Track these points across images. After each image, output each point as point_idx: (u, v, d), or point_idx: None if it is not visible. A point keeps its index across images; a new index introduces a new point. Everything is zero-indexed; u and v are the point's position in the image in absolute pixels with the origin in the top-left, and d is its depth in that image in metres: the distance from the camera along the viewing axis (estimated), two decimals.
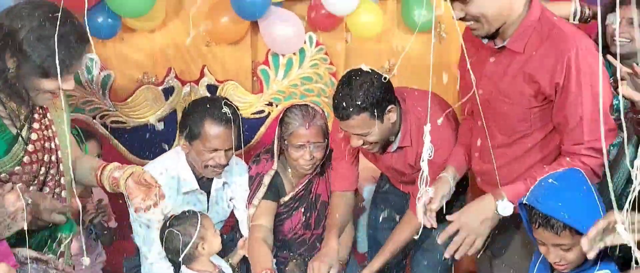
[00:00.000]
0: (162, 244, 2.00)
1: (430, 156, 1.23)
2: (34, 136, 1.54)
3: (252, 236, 2.18)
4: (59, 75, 1.36)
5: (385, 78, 1.85)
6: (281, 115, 2.16)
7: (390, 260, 2.11)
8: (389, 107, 1.88)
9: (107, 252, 2.39)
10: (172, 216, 2.01)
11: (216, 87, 2.59)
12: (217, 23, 2.47)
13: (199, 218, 1.99)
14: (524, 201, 1.50)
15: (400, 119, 1.96)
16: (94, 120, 2.44)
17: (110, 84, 2.43)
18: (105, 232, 2.31)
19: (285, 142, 2.13)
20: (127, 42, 2.45)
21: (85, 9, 1.41)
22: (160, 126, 2.52)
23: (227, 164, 2.11)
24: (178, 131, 2.12)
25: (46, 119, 1.60)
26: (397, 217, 2.23)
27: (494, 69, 1.69)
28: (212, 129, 2.01)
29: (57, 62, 1.35)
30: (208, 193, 2.21)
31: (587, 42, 1.57)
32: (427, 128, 1.15)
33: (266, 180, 2.20)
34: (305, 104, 2.16)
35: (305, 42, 2.65)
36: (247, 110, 2.67)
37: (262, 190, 2.19)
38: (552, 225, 1.44)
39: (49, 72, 1.42)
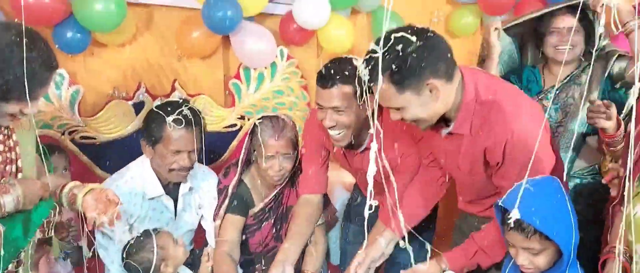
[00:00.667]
0: None
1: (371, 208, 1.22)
2: None
3: (217, 251, 2.20)
4: (27, 98, 1.36)
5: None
6: (252, 126, 2.18)
7: None
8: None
9: (77, 271, 2.34)
10: (128, 243, 2.00)
11: (187, 102, 2.58)
12: (188, 37, 2.48)
13: (154, 240, 1.98)
14: (500, 203, 1.53)
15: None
16: (63, 136, 2.40)
17: (79, 99, 2.40)
18: (73, 252, 2.26)
19: (255, 153, 2.15)
20: (97, 57, 2.43)
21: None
22: None
23: (192, 167, 2.13)
24: (141, 138, 2.12)
25: (11, 140, 1.57)
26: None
27: (448, 147, 1.75)
28: (174, 132, 2.04)
29: (26, 85, 1.34)
30: (175, 200, 2.21)
31: (524, 120, 1.60)
32: (373, 146, 1.11)
33: (230, 189, 2.21)
34: (275, 116, 2.19)
35: (276, 56, 2.68)
36: (219, 124, 2.67)
37: (227, 201, 2.21)
38: (523, 229, 1.48)
39: (8, 97, 1.40)
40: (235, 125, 2.71)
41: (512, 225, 1.47)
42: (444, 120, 1.68)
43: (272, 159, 2.11)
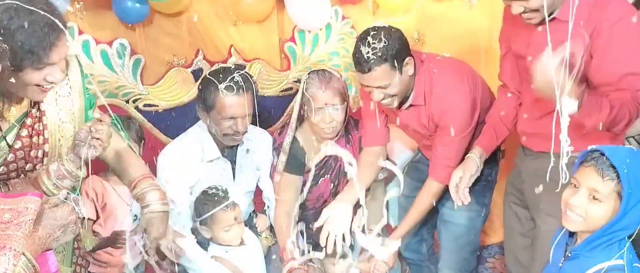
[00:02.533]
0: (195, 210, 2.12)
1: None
2: (17, 144, 1.51)
3: (276, 211, 2.27)
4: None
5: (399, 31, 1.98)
6: (302, 82, 2.22)
7: (413, 226, 2.22)
8: (407, 59, 1.96)
9: None
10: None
11: (244, 67, 2.59)
12: (242, 2, 2.47)
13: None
14: (596, 148, 1.46)
15: (415, 76, 2.03)
16: (127, 104, 2.49)
17: (141, 68, 2.47)
18: None
19: (306, 108, 2.18)
20: (156, 26, 2.47)
21: None
22: None
23: (245, 131, 2.16)
24: (197, 104, 2.16)
25: (41, 124, 1.54)
26: None
27: (541, 38, 1.69)
28: (227, 98, 2.06)
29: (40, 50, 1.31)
30: (233, 162, 2.26)
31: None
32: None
33: (286, 146, 2.26)
34: (322, 69, 2.23)
35: (331, 17, 2.63)
36: (275, 88, 2.68)
37: (283, 157, 2.26)
38: (604, 170, 1.41)
39: (21, 65, 1.34)
40: (291, 88, 2.71)
41: (598, 161, 1.42)
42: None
43: (321, 111, 2.15)
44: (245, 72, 2.17)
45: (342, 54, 2.72)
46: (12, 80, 1.34)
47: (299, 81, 2.69)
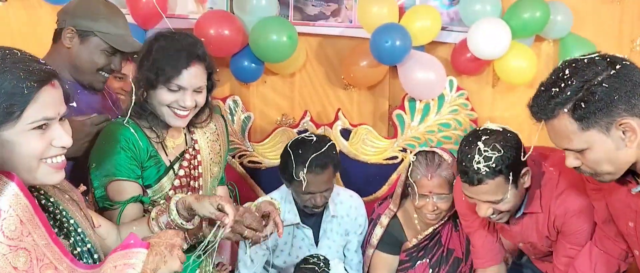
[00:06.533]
0: None
1: None
2: (181, 172, 1.64)
3: None
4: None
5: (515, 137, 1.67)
6: (410, 160, 2.08)
7: None
8: (524, 169, 1.67)
9: None
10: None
11: (349, 131, 2.55)
12: (355, 67, 2.45)
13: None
14: None
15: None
16: (233, 159, 2.54)
17: (250, 125, 2.51)
18: None
19: (409, 188, 2.04)
20: (269, 85, 2.53)
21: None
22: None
23: (326, 202, 2.09)
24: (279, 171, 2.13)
25: (196, 160, 1.67)
26: None
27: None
28: (307, 177, 1.98)
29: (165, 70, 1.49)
30: (317, 227, 2.19)
31: None
32: None
33: (384, 220, 2.13)
34: (432, 151, 2.04)
35: (445, 87, 2.52)
36: (379, 155, 2.60)
37: (379, 231, 2.12)
38: None
39: (155, 82, 1.52)
40: (396, 157, 2.60)
41: None
42: (633, 173, 1.37)
43: (424, 198, 1.99)
44: (327, 143, 2.07)
45: (454, 126, 2.58)
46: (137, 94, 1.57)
47: (404, 150, 2.59)
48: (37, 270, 1.00)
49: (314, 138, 2.08)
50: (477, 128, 1.74)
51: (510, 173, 1.60)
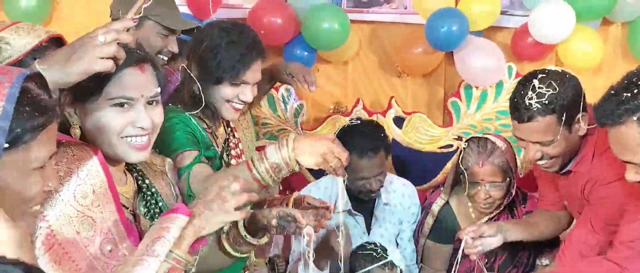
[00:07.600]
0: None
1: None
2: (233, 162, 1.66)
3: None
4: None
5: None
6: (462, 146, 2.02)
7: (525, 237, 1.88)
8: (581, 114, 1.56)
9: None
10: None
11: (403, 119, 2.51)
12: (410, 54, 2.40)
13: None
14: None
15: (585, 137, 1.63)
16: None
17: (302, 114, 2.52)
18: None
19: (461, 176, 1.98)
20: (322, 73, 2.52)
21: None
22: None
23: (379, 188, 2.05)
24: None
25: (238, 149, 1.70)
26: None
27: None
28: (360, 160, 1.96)
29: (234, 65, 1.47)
30: (369, 214, 2.16)
31: None
32: None
33: (435, 208, 2.09)
34: (484, 138, 1.97)
35: (503, 74, 2.43)
36: (434, 144, 2.54)
37: (430, 220, 2.10)
38: None
39: (221, 78, 1.52)
40: (451, 146, 2.54)
41: None
42: None
43: (476, 186, 1.93)
44: (374, 126, 2.05)
45: None
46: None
47: (460, 138, 2.53)
48: (98, 240, 1.05)
49: (361, 123, 2.08)
50: (538, 69, 1.64)
51: (564, 114, 1.52)
